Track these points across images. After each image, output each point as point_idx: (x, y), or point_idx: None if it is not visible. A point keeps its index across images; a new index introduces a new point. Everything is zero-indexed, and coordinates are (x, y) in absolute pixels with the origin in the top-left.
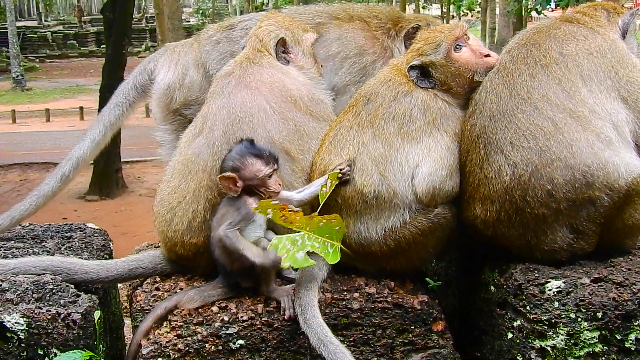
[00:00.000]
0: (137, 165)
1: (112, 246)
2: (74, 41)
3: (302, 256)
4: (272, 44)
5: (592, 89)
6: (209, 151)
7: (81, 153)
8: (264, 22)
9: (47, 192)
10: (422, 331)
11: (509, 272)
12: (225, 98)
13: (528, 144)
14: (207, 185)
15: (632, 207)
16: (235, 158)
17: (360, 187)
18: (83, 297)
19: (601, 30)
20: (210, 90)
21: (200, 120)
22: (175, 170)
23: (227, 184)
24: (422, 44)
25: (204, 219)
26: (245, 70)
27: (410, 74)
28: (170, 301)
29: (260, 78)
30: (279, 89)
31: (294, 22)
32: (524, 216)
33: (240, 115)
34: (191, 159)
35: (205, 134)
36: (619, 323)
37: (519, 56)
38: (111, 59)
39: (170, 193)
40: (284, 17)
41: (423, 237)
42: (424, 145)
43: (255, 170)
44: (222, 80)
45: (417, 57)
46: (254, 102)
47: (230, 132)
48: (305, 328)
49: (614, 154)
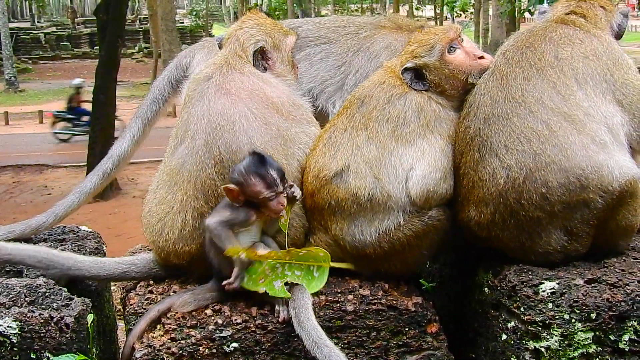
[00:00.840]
0: (131, 167)
1: (105, 249)
2: (67, 42)
3: (279, 285)
4: (250, 51)
5: (587, 92)
6: (193, 161)
7: (121, 151)
8: (245, 24)
9: (89, 189)
10: (416, 333)
11: (503, 273)
12: (205, 105)
13: (522, 147)
14: (193, 195)
15: (625, 209)
16: (241, 173)
17: (355, 190)
18: (76, 301)
19: (597, 32)
20: (187, 93)
21: (182, 127)
22: (160, 181)
23: (231, 195)
24: (416, 46)
25: (194, 227)
26: (225, 75)
27: (405, 76)
28: (163, 304)
29: (241, 85)
30: (260, 96)
31: (275, 25)
32: (518, 219)
33: (221, 123)
34: (175, 169)
35: (188, 143)
36: (613, 324)
37: (514, 59)
38: (104, 61)
39: (157, 204)
40: (265, 18)
41: (417, 239)
42: (418, 147)
43: (257, 191)
44: (201, 85)
45: (411, 60)
46: (235, 109)
47: (212, 141)
48: (299, 330)
49: (609, 156)
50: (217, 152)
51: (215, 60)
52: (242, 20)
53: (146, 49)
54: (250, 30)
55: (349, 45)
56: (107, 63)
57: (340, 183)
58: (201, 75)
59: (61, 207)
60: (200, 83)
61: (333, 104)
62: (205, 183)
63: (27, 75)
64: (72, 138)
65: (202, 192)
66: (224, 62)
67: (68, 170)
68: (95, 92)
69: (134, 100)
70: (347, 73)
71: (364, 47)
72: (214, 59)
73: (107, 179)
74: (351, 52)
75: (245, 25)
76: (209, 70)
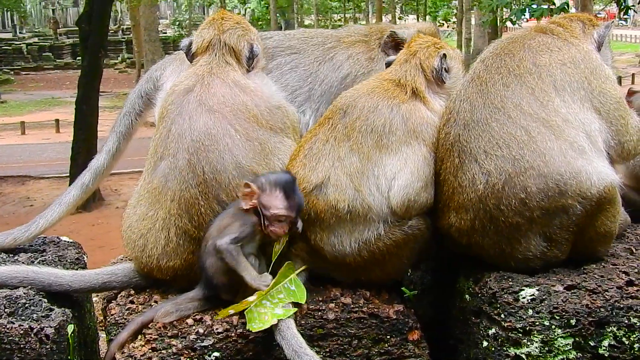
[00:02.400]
0: (113, 178)
1: (86, 259)
2: (49, 53)
3: (281, 311)
4: (245, 53)
5: (565, 99)
6: (176, 180)
7: (98, 164)
8: (227, 25)
9: (69, 201)
10: (398, 341)
11: (484, 280)
12: (186, 122)
13: (502, 153)
14: (176, 214)
15: (604, 215)
16: (270, 182)
17: (334, 203)
18: (56, 311)
19: (575, 41)
20: (164, 105)
21: (161, 144)
22: (141, 197)
23: (246, 194)
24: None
25: (177, 244)
26: (207, 89)
27: (440, 64)
28: (145, 316)
29: (223, 100)
30: (242, 110)
31: (240, 18)
32: (498, 225)
33: (205, 142)
34: (158, 187)
35: (170, 162)
36: (593, 330)
37: (493, 66)
38: (87, 71)
39: (138, 220)
40: (237, 15)
41: (397, 248)
42: (402, 156)
43: (274, 204)
44: (180, 98)
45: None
46: (218, 127)
47: (196, 160)
48: (279, 339)
49: (587, 162)
50: (201, 172)
51: (196, 69)
52: (219, 24)
53: (129, 59)
54: (237, 32)
55: (315, 55)
56: (90, 74)
57: (320, 195)
58: (181, 87)
59: (42, 218)
60: (179, 96)
61: (303, 112)
62: (189, 202)
63: (9, 87)
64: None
65: (186, 211)
66: (208, 71)
67: (50, 181)
68: (77, 102)
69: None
70: (314, 83)
71: (328, 57)
72: (195, 67)
73: (86, 191)
74: (317, 62)
75: (230, 29)
76: (190, 82)
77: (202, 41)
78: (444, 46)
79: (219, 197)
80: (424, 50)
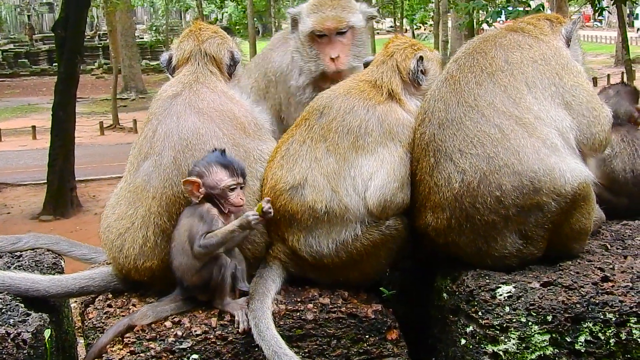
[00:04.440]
0: (92, 184)
1: (63, 264)
2: (25, 60)
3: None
4: (226, 61)
5: (537, 96)
6: (159, 178)
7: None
8: (205, 35)
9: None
10: (376, 340)
11: (461, 278)
12: (173, 122)
13: (476, 151)
14: (157, 212)
15: (578, 212)
16: (202, 164)
17: (311, 203)
18: (33, 316)
19: (545, 38)
20: (150, 111)
21: (145, 144)
22: (120, 197)
23: (190, 188)
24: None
25: (155, 243)
26: (197, 94)
27: (416, 66)
28: (121, 326)
29: (212, 105)
30: (229, 117)
31: (222, 31)
32: (474, 223)
33: (193, 141)
34: (140, 186)
35: (154, 160)
36: (569, 326)
37: (466, 65)
38: (64, 77)
39: (116, 220)
40: (214, 26)
41: (375, 249)
42: (378, 157)
43: (218, 179)
44: (167, 101)
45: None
46: (207, 128)
47: (182, 158)
48: (259, 340)
49: (560, 160)
50: (186, 169)
51: (181, 78)
52: (197, 34)
53: (106, 64)
54: (215, 40)
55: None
56: (66, 80)
57: (296, 196)
58: (168, 93)
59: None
60: (166, 100)
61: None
62: (170, 200)
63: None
64: None
65: (167, 210)
66: (194, 80)
67: (28, 188)
68: (54, 109)
69: (94, 116)
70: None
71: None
72: (180, 77)
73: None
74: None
75: (209, 37)
76: (176, 89)
77: (182, 53)
78: (421, 48)
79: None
80: (401, 52)
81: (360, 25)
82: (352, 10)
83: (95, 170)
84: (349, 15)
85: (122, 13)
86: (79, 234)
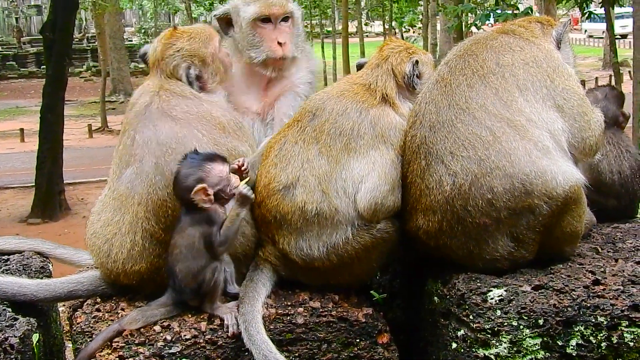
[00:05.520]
0: (80, 187)
1: (51, 268)
2: (13, 62)
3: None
4: (184, 79)
5: (528, 98)
6: (142, 184)
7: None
8: (169, 47)
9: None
10: (367, 344)
11: (452, 282)
12: (150, 130)
13: (467, 154)
14: (144, 217)
15: (569, 215)
16: (194, 171)
17: (301, 204)
18: (21, 321)
19: (536, 40)
20: (124, 121)
21: (125, 153)
22: (105, 204)
23: (200, 196)
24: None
25: (143, 247)
26: (167, 101)
27: (412, 70)
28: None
29: (187, 109)
30: (207, 118)
31: (196, 36)
32: (465, 225)
33: (172, 145)
34: (124, 193)
35: (136, 167)
36: (560, 329)
37: (457, 67)
38: (52, 80)
39: (102, 226)
40: (187, 35)
41: (366, 252)
42: (370, 159)
43: (218, 172)
44: (142, 110)
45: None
46: (184, 131)
47: (164, 163)
48: (249, 345)
49: (552, 162)
50: (170, 173)
51: (146, 87)
52: (164, 44)
53: (94, 67)
54: (176, 54)
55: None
56: (55, 82)
57: (287, 196)
58: (140, 103)
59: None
60: (140, 109)
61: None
62: (157, 204)
63: None
64: None
65: (154, 214)
66: (160, 87)
67: (16, 191)
68: (42, 111)
69: (82, 119)
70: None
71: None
72: (144, 86)
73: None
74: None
75: (170, 50)
76: (145, 99)
77: (151, 58)
78: (416, 51)
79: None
80: (396, 55)
81: (299, 15)
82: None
83: (83, 173)
84: (289, 3)
85: (111, 15)
86: (67, 237)
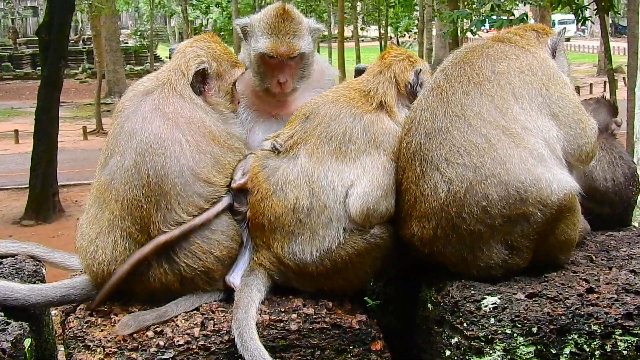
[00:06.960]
0: (74, 189)
1: (44, 271)
2: (8, 63)
3: None
4: (192, 70)
5: (523, 106)
6: (121, 180)
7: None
8: (197, 43)
9: None
10: (360, 351)
11: (446, 289)
12: (138, 122)
13: (463, 161)
14: (120, 216)
15: (564, 223)
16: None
17: (293, 201)
18: (13, 325)
19: (532, 49)
20: (122, 101)
21: (113, 140)
22: (92, 196)
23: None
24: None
25: (124, 247)
26: (166, 97)
27: (415, 79)
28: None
29: (180, 111)
30: (197, 124)
31: (226, 53)
32: (460, 233)
33: (154, 145)
34: (104, 186)
35: (117, 160)
36: (554, 337)
37: (453, 74)
38: (47, 81)
39: (88, 225)
40: (219, 43)
41: (360, 257)
42: (360, 164)
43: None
44: (139, 97)
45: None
46: (169, 133)
47: (142, 162)
48: (242, 351)
49: (547, 170)
50: (146, 174)
51: (158, 74)
52: (195, 39)
53: (90, 69)
54: (199, 50)
55: None
56: (50, 84)
57: (279, 194)
58: (141, 88)
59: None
60: (137, 95)
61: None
62: (132, 204)
63: None
64: None
65: (129, 213)
66: (167, 80)
67: (9, 192)
68: (37, 113)
69: (77, 121)
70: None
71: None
72: (157, 72)
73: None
74: None
75: (196, 44)
76: (150, 85)
77: (177, 49)
78: (418, 60)
79: (159, 203)
80: (399, 64)
81: (310, 49)
82: (303, 36)
83: (78, 175)
84: (300, 42)
85: (107, 18)
86: (60, 239)
